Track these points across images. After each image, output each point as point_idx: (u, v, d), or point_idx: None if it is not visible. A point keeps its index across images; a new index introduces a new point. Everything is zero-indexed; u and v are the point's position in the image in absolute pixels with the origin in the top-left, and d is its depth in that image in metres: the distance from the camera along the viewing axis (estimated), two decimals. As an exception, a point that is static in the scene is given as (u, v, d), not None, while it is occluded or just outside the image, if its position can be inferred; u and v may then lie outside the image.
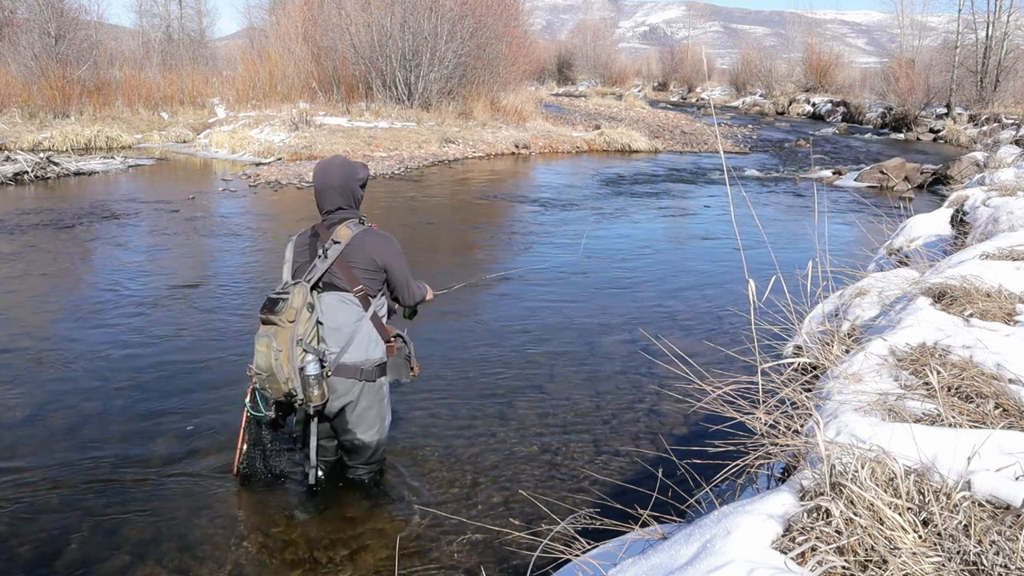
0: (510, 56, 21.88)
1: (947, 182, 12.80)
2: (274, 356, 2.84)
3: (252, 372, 2.98)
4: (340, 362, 2.98)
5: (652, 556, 1.51)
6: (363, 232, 3.03)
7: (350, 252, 2.99)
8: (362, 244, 3.01)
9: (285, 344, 2.85)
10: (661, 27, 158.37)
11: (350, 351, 2.98)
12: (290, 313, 2.86)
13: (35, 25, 19.13)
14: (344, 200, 3.06)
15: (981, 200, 5.10)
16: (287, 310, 2.86)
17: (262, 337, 2.89)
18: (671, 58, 59.36)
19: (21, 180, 11.99)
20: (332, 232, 3.02)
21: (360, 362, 3.01)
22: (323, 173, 3.06)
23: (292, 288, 2.91)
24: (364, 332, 3.01)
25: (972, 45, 27.99)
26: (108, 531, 3.01)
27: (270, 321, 2.88)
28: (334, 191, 3.04)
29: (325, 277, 2.98)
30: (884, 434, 1.63)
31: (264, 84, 20.53)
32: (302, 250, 3.09)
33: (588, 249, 8.10)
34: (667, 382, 4.24)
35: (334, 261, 2.96)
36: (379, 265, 3.05)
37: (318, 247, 3.02)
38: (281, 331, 2.87)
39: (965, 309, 2.51)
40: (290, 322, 2.86)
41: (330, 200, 3.05)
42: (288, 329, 2.86)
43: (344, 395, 3.03)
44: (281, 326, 2.86)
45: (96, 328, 5.36)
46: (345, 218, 3.06)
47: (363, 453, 3.21)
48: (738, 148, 19.88)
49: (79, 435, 3.77)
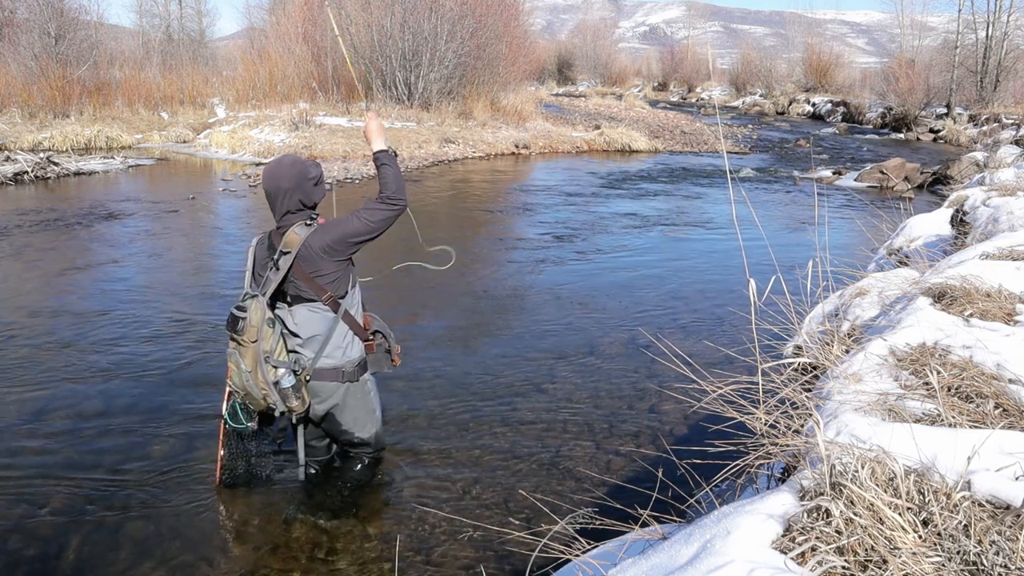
0: (510, 56, 21.88)
1: (947, 182, 12.80)
2: (246, 378, 2.79)
3: (230, 387, 2.93)
4: (318, 366, 2.92)
5: (652, 556, 1.51)
6: (311, 234, 2.84)
7: (304, 261, 2.84)
8: (311, 247, 2.83)
9: (252, 364, 2.78)
10: (661, 27, 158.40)
11: (326, 354, 2.93)
12: (251, 333, 2.76)
13: (35, 25, 19.11)
14: (295, 203, 2.87)
15: (981, 200, 5.10)
16: (247, 329, 2.76)
17: (231, 355, 2.84)
18: (671, 58, 59.38)
19: (21, 180, 11.99)
20: (282, 240, 2.84)
21: (339, 364, 2.96)
22: (273, 175, 2.86)
23: (249, 303, 2.79)
24: (338, 335, 2.94)
25: (972, 45, 27.99)
26: (109, 532, 3.01)
27: (236, 339, 2.81)
28: (285, 193, 2.84)
29: (290, 288, 2.88)
30: (884, 434, 1.63)
31: (264, 84, 20.53)
32: (262, 261, 2.94)
33: (587, 249, 8.10)
34: (667, 382, 4.24)
35: (288, 272, 2.83)
36: (336, 257, 2.87)
37: (273, 255, 2.87)
38: (245, 350, 2.78)
39: (965, 309, 2.51)
40: (252, 342, 2.77)
41: (282, 203, 2.86)
42: (252, 348, 2.77)
43: (328, 398, 2.99)
44: (244, 345, 2.78)
45: (96, 328, 5.36)
46: (294, 222, 2.87)
47: (366, 447, 3.24)
48: (738, 148, 19.87)
49: (80, 435, 3.77)
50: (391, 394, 4.32)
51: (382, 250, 5.76)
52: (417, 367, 4.73)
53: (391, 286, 6.72)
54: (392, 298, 6.32)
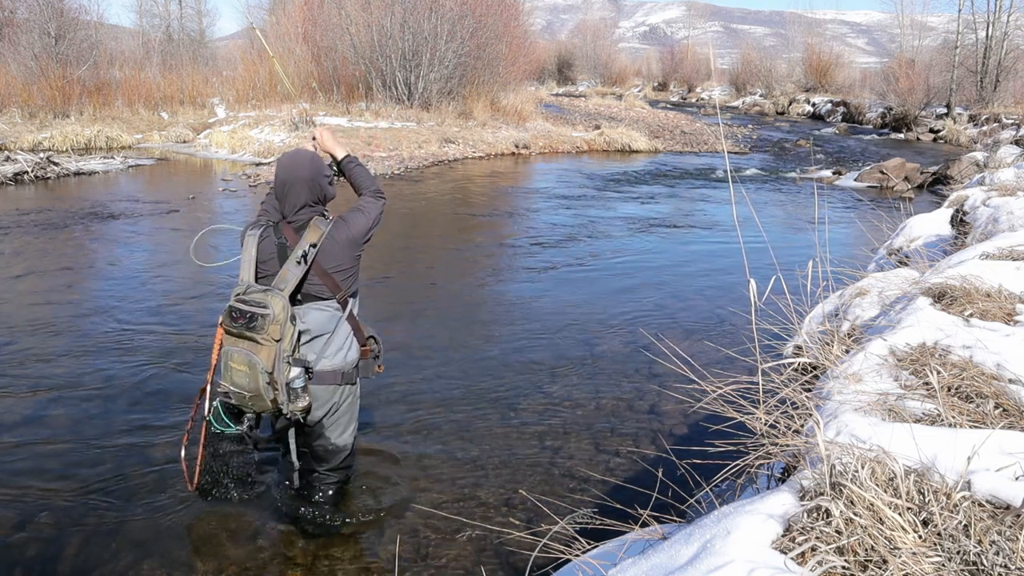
0: (510, 56, 21.87)
1: (947, 182, 12.80)
2: (263, 379, 2.64)
3: (224, 388, 2.76)
4: (319, 369, 2.85)
5: (652, 556, 1.51)
6: (332, 227, 2.83)
7: (324, 255, 2.79)
8: (333, 241, 2.81)
9: (271, 363, 2.65)
10: (661, 27, 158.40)
11: (328, 356, 2.87)
12: (274, 330, 2.63)
13: (35, 25, 19.10)
14: (313, 196, 2.83)
15: (981, 200, 5.10)
16: (270, 327, 2.62)
17: (239, 353, 2.67)
18: (671, 58, 59.36)
19: (21, 180, 11.99)
20: (302, 235, 2.78)
21: (340, 367, 2.91)
22: (290, 165, 2.81)
23: (269, 300, 2.65)
24: (342, 335, 2.90)
25: (972, 45, 27.99)
26: (109, 532, 3.01)
27: (245, 336, 2.67)
28: (303, 184, 2.79)
29: (303, 287, 2.79)
30: (884, 434, 1.63)
31: (264, 84, 20.53)
32: (269, 256, 2.82)
33: (587, 249, 8.10)
34: (667, 382, 4.24)
35: (310, 268, 2.76)
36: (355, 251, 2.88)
37: (287, 251, 2.78)
38: (265, 350, 2.65)
39: (965, 309, 2.51)
40: (276, 340, 2.64)
41: (298, 195, 2.80)
42: (273, 347, 2.65)
43: (327, 402, 2.93)
44: (264, 344, 2.64)
45: (97, 328, 5.36)
46: (312, 216, 2.84)
47: (335, 457, 3.08)
48: (738, 148, 19.88)
49: (80, 436, 3.77)
50: (391, 394, 4.32)
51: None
52: (417, 368, 4.73)
53: (391, 286, 6.73)
54: (392, 299, 6.32)
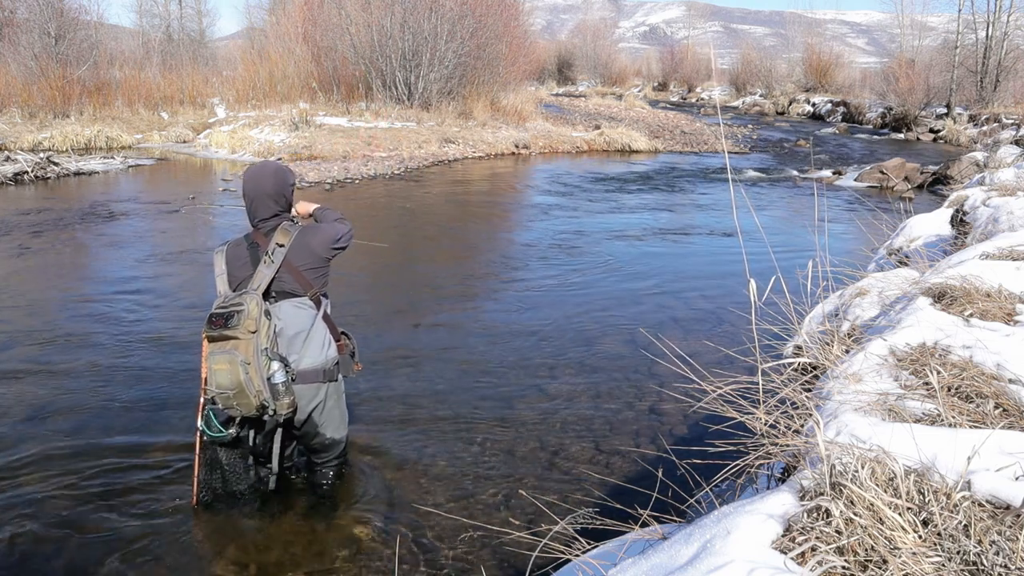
0: (510, 56, 21.88)
1: (947, 182, 12.79)
2: (242, 371, 2.74)
3: (210, 393, 2.85)
4: (301, 368, 2.95)
5: (652, 556, 1.51)
6: (300, 231, 3.03)
7: (294, 254, 2.96)
8: (303, 242, 2.99)
9: (251, 356, 2.77)
10: (661, 27, 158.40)
11: (309, 355, 2.97)
12: (250, 323, 2.77)
13: (35, 25, 19.11)
14: (279, 206, 3.05)
15: (981, 200, 5.10)
16: (245, 320, 2.77)
17: (219, 355, 2.78)
18: (671, 58, 59.34)
19: (21, 180, 11.99)
20: (272, 237, 2.97)
21: (320, 365, 3.01)
22: (255, 181, 3.03)
23: (243, 298, 2.82)
24: (319, 333, 3.01)
25: (972, 45, 27.98)
26: (107, 534, 3.01)
27: (226, 336, 2.79)
28: (269, 198, 3.01)
29: (275, 285, 2.93)
30: (884, 434, 1.63)
31: (264, 84, 20.53)
32: (241, 263, 2.98)
33: (587, 249, 8.09)
34: (667, 382, 4.24)
35: (281, 266, 2.92)
36: (324, 256, 3.04)
37: (259, 254, 2.96)
38: (243, 343, 2.77)
39: (965, 309, 2.51)
40: (252, 332, 2.78)
41: (265, 207, 3.01)
42: (250, 340, 2.78)
43: (312, 400, 3.01)
44: (242, 338, 2.77)
45: (97, 328, 5.36)
46: (280, 222, 3.03)
47: (333, 449, 3.21)
48: (738, 148, 19.88)
49: (80, 436, 3.77)
50: (391, 394, 4.32)
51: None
52: (417, 368, 4.73)
53: (391, 286, 6.73)
54: (392, 299, 6.32)
